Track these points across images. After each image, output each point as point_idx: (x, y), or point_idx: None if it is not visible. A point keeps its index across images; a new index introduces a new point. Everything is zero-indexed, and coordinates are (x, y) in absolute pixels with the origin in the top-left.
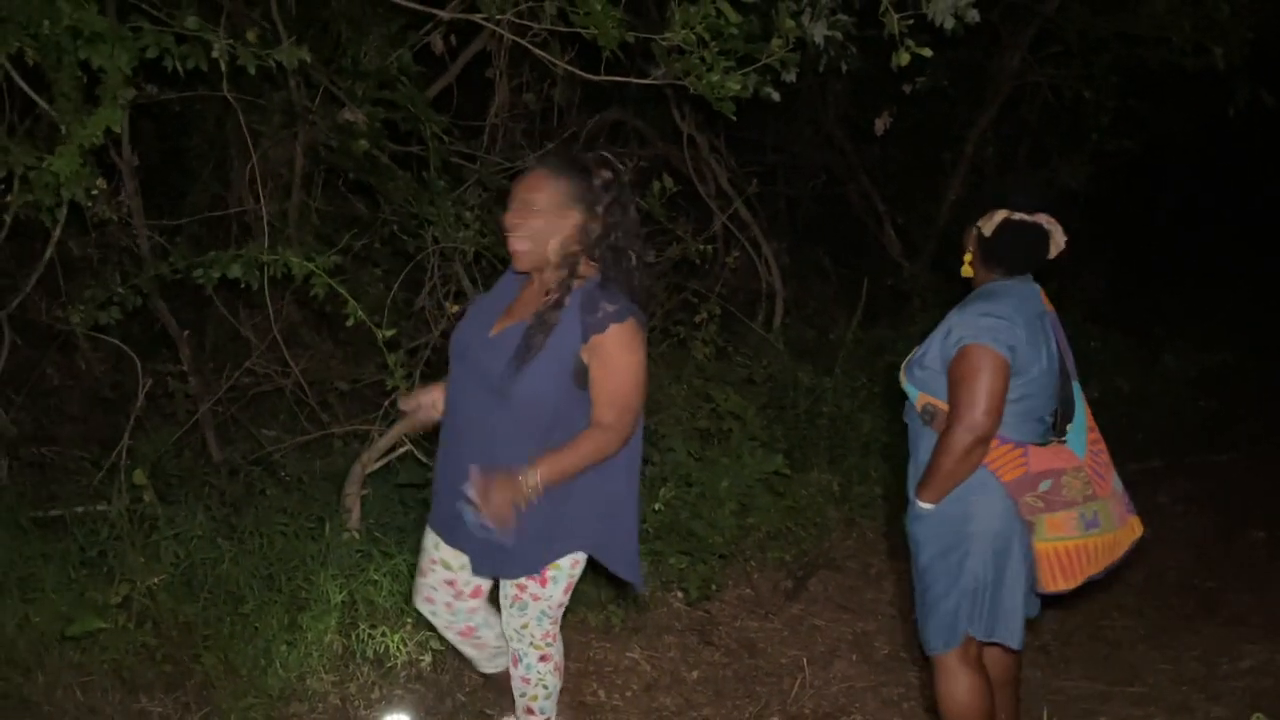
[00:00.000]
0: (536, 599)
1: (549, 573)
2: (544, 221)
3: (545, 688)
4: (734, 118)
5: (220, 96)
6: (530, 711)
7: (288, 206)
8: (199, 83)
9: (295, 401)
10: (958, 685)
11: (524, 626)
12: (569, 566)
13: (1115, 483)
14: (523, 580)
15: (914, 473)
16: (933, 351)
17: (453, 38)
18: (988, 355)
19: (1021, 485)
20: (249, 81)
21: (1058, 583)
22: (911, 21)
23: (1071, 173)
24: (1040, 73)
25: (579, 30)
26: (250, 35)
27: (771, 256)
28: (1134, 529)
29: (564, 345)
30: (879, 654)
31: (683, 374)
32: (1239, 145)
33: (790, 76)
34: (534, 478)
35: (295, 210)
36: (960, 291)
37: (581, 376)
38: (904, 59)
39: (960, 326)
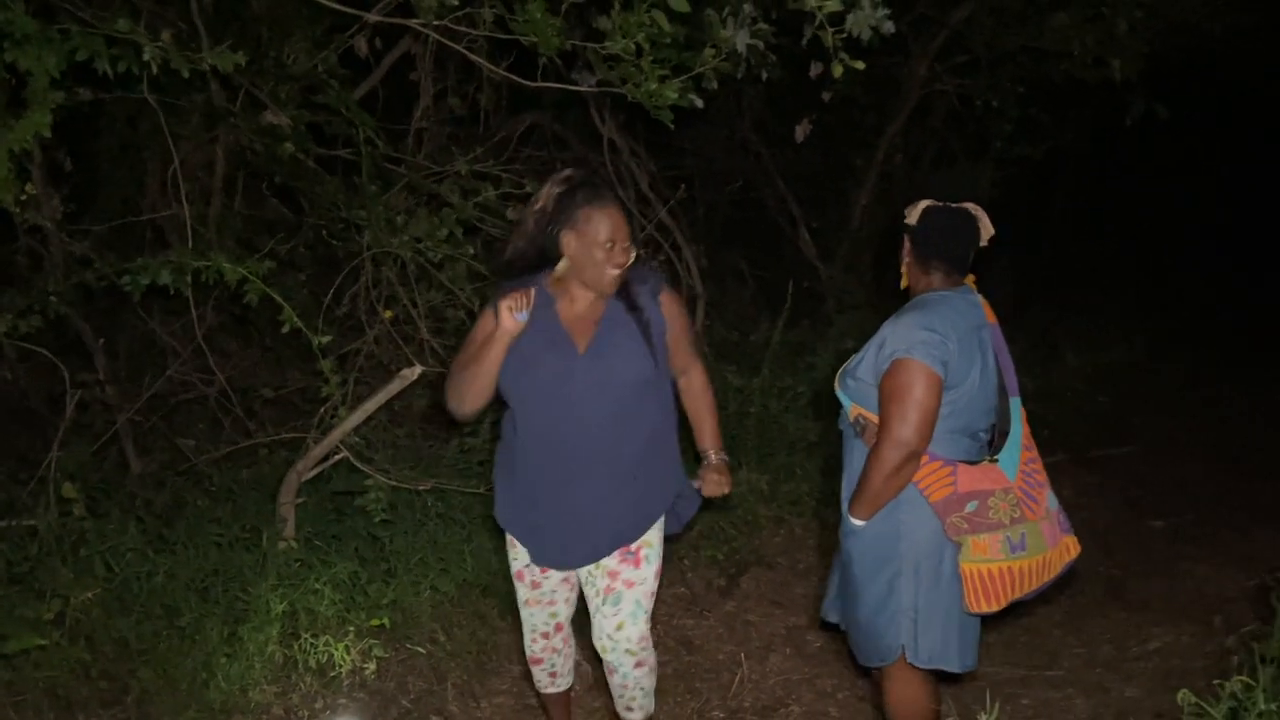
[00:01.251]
0: (630, 585)
1: (642, 551)
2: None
3: (643, 689)
4: (672, 125)
5: (131, 98)
6: (630, 709)
7: (207, 211)
8: (114, 84)
9: (220, 409)
10: (905, 691)
11: (619, 628)
12: (658, 543)
13: (1049, 502)
14: (616, 567)
15: (847, 485)
16: (866, 362)
17: (378, 40)
18: (920, 370)
19: (949, 505)
20: (167, 83)
21: (981, 605)
22: (845, 36)
23: (976, 179)
24: (947, 82)
25: (517, 37)
26: (165, 36)
27: (692, 260)
28: (1068, 549)
29: (653, 318)
30: (812, 647)
31: None
32: (1134, 154)
33: (713, 84)
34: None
35: (216, 214)
36: (883, 294)
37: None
38: (838, 71)
39: (894, 339)
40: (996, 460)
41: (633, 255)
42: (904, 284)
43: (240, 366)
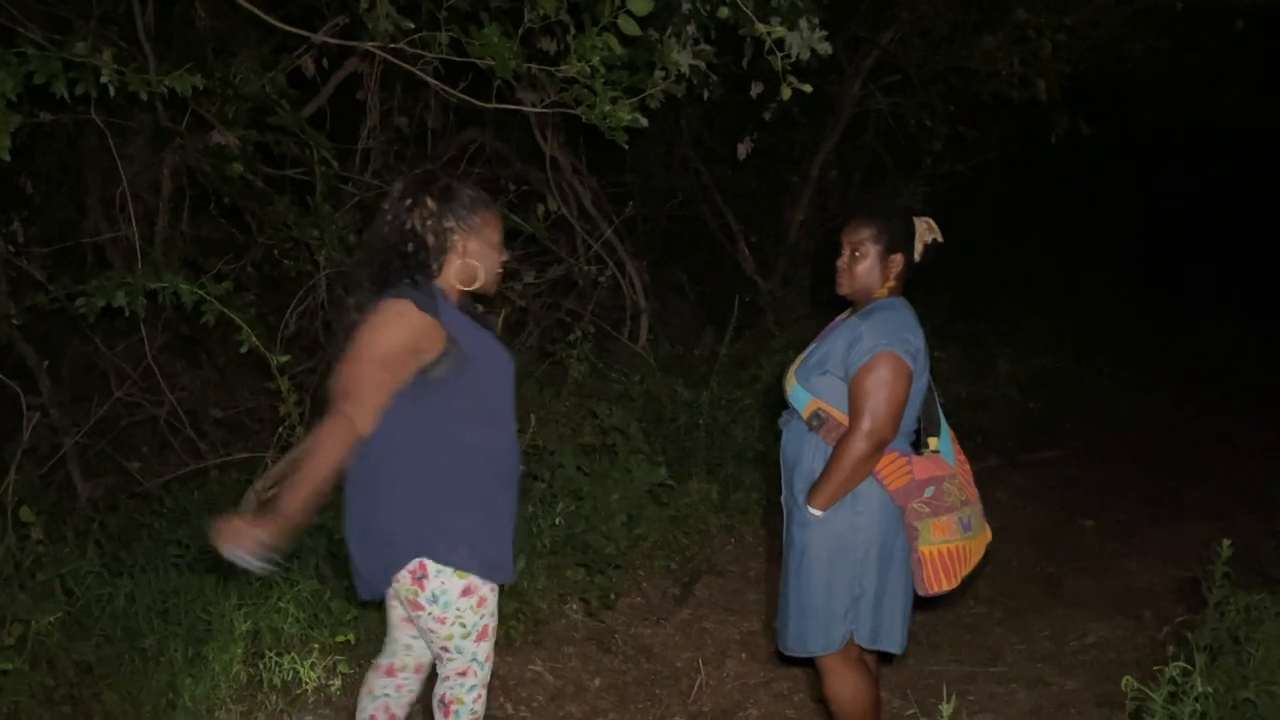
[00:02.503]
0: None
1: None
2: None
3: None
4: (626, 145)
5: (72, 119)
6: None
7: (152, 232)
8: (64, 105)
9: (169, 431)
10: (845, 684)
11: None
12: None
13: (976, 490)
14: None
15: (800, 480)
16: (835, 359)
17: (324, 60)
18: (900, 364)
19: (909, 492)
20: (114, 103)
21: (941, 584)
22: (793, 61)
23: (909, 194)
24: (879, 100)
25: (472, 60)
26: (107, 55)
27: (636, 275)
28: (988, 534)
29: None
30: (766, 651)
31: (561, 391)
32: (1058, 169)
33: (656, 103)
34: None
35: (162, 235)
36: (821, 306)
37: None
38: (787, 94)
39: (873, 334)
40: (937, 451)
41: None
42: (845, 290)
43: (188, 388)
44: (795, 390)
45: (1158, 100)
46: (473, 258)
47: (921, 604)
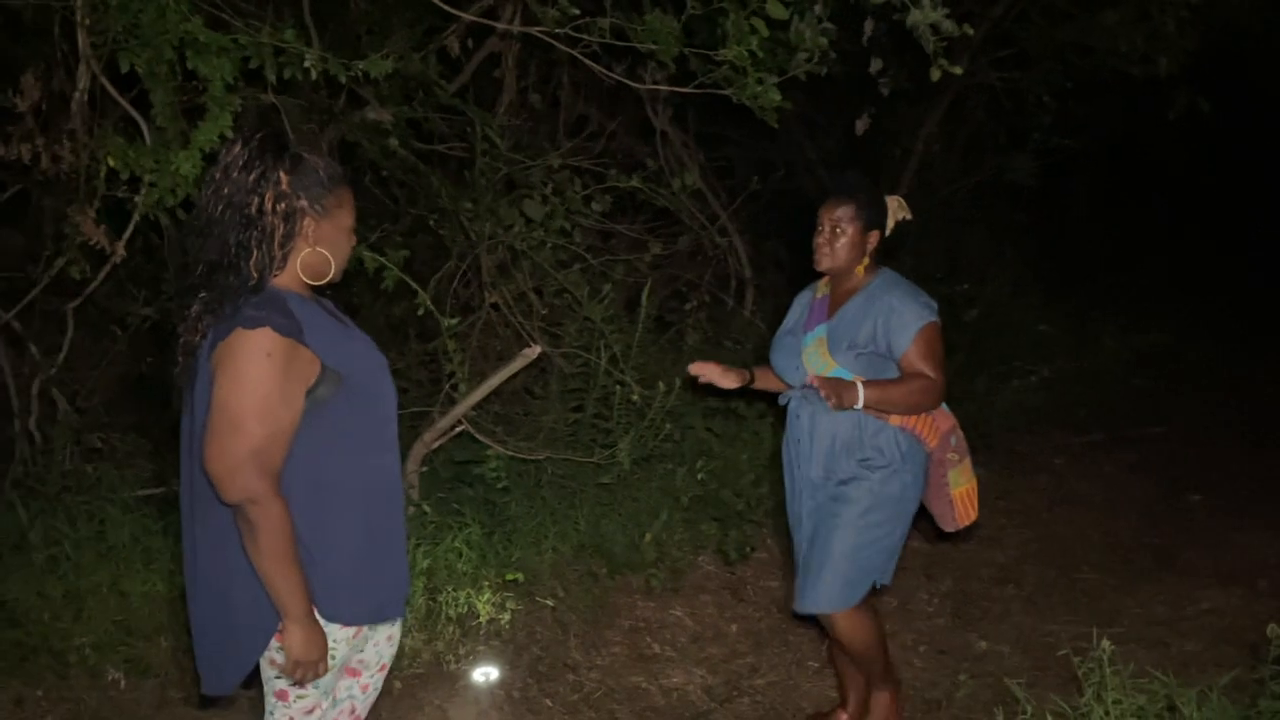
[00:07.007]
0: None
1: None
2: None
3: None
4: (776, 125)
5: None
6: None
7: None
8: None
9: None
10: (863, 621)
11: None
12: None
13: None
14: None
15: (850, 455)
16: (879, 337)
17: (469, 41)
18: (939, 330)
19: (944, 444)
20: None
21: (970, 517)
22: (944, 45)
23: (1017, 170)
24: (988, 75)
25: (632, 44)
26: (276, 34)
27: (741, 248)
28: None
29: None
30: (889, 607)
31: (680, 359)
32: (1176, 146)
33: (775, 79)
34: None
35: None
36: (922, 280)
37: None
38: (936, 75)
39: (915, 309)
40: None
41: None
42: (825, 266)
43: None
44: (836, 373)
45: (1274, 77)
46: (324, 246)
47: (1035, 567)
